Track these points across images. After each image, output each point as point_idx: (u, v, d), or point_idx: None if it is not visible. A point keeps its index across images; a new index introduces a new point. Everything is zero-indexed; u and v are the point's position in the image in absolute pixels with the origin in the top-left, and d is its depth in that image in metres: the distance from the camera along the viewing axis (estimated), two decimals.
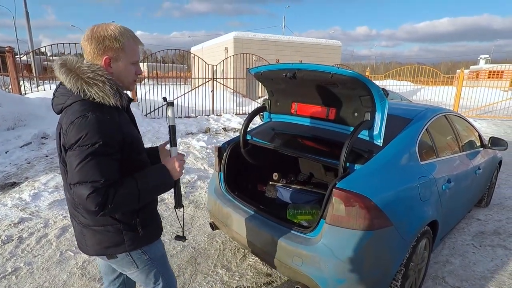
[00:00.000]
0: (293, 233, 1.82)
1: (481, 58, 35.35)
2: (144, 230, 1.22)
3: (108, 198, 0.98)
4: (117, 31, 1.09)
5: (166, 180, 1.16)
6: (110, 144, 1.01)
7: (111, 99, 1.05)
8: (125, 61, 1.13)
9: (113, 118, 1.05)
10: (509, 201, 3.97)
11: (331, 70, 1.78)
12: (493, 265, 2.59)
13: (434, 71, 14.16)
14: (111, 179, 1.00)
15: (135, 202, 1.07)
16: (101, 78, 1.05)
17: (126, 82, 1.17)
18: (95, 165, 0.98)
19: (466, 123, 3.17)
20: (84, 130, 0.98)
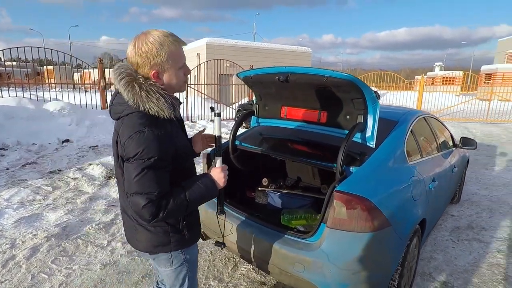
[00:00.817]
0: (293, 239, 1.78)
1: (436, 65, 38.23)
2: (189, 233, 1.29)
3: (161, 208, 1.05)
4: (157, 43, 1.06)
5: (212, 191, 1.20)
6: (164, 158, 1.07)
7: (165, 112, 1.09)
8: (172, 69, 1.13)
9: (166, 131, 1.09)
10: (476, 197, 4.25)
11: (326, 73, 1.78)
12: (472, 258, 2.73)
13: (396, 76, 15.04)
14: (164, 190, 1.07)
15: (183, 211, 1.13)
16: (156, 94, 1.08)
17: (177, 87, 1.19)
18: (150, 178, 1.04)
19: (440, 124, 3.35)
20: (142, 145, 1.03)
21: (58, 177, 4.38)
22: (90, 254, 2.61)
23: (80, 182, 4.23)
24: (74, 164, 5.19)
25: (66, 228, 2.98)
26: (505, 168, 5.73)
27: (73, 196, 3.77)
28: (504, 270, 2.53)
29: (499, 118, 12.62)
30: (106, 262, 2.50)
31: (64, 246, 2.70)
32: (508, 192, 4.44)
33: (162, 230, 1.22)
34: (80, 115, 7.79)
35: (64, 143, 6.63)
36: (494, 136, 9.24)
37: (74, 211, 3.37)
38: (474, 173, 5.32)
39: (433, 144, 2.81)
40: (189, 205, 1.12)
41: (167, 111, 1.09)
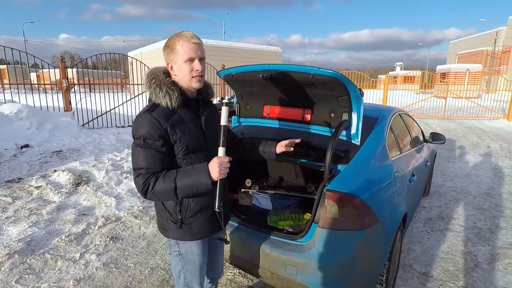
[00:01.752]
0: (283, 241, 1.75)
1: (397, 65, 40.41)
2: (185, 227, 1.32)
3: (150, 185, 1.17)
4: (170, 38, 1.25)
5: (201, 180, 1.18)
6: (151, 138, 1.18)
7: (162, 100, 1.22)
8: (178, 62, 1.24)
9: (159, 116, 1.20)
10: (442, 189, 4.52)
11: (312, 71, 1.77)
12: (446, 247, 2.88)
13: (361, 75, 15.66)
14: (153, 168, 1.18)
15: (172, 194, 1.18)
16: (154, 84, 1.24)
17: (186, 80, 1.27)
18: (140, 155, 1.19)
19: (412, 120, 3.50)
20: (136, 126, 1.22)
21: (19, 186, 4.00)
22: (61, 270, 2.39)
23: (45, 190, 3.89)
24: (37, 171, 4.78)
25: (31, 242, 2.71)
26: (464, 160, 6.16)
27: (37, 207, 3.45)
28: (475, 257, 2.69)
29: (455, 114, 13.59)
30: (79, 277, 2.31)
31: (29, 262, 2.45)
32: (469, 183, 4.77)
33: (164, 215, 1.34)
34: (41, 118, 7.20)
35: (24, 149, 6.09)
36: (452, 131, 9.93)
37: (40, 222, 3.08)
38: (439, 166, 5.65)
39: (408, 140, 2.92)
40: (177, 188, 1.16)
41: (163, 100, 1.22)
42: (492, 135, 9.17)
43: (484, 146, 7.57)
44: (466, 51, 33.45)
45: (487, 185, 4.67)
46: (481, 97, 15.85)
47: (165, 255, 2.64)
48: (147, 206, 3.62)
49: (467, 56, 32.60)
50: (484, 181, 4.84)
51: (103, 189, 4.03)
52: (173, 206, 1.31)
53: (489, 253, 2.76)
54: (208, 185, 1.18)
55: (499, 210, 3.71)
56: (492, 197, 4.14)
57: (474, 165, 5.78)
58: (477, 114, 13.28)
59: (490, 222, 3.39)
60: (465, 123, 11.84)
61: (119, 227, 3.08)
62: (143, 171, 1.17)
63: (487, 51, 30.44)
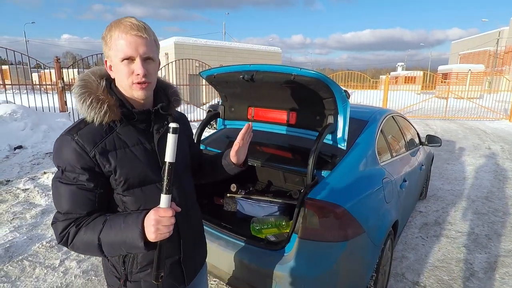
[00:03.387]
0: (263, 251, 1.65)
1: (399, 65, 40.17)
2: (130, 285, 0.97)
3: (69, 236, 0.85)
4: (107, 27, 0.87)
5: (131, 240, 0.81)
6: (72, 171, 0.85)
7: (87, 115, 0.87)
8: (114, 60, 0.88)
9: (84, 138, 0.85)
10: (440, 192, 4.40)
11: (293, 71, 1.67)
12: (441, 254, 2.77)
13: (362, 76, 15.55)
14: (74, 212, 0.86)
15: (96, 251, 0.85)
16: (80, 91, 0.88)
17: (125, 87, 0.90)
18: (59, 193, 0.86)
19: (407, 122, 3.39)
20: (54, 152, 0.88)
21: (6, 189, 3.93)
22: (38, 278, 2.30)
23: (32, 193, 3.81)
24: (27, 173, 4.71)
25: (10, 248, 2.63)
26: (464, 163, 6.03)
27: (21, 210, 3.37)
28: (471, 266, 2.58)
29: (456, 114, 13.44)
30: (57, 285, 2.22)
31: (6, 270, 2.36)
32: (468, 186, 4.64)
33: (106, 265, 1.01)
34: (36, 119, 7.15)
35: (17, 150, 6.03)
36: (452, 132, 9.79)
37: (22, 227, 3.00)
38: (437, 168, 5.53)
39: (401, 143, 2.81)
40: (102, 246, 0.83)
41: (87, 115, 0.86)
42: (494, 136, 9.02)
43: (485, 147, 7.43)
44: (468, 51, 33.22)
45: (486, 188, 4.55)
46: (483, 98, 15.67)
47: None
48: None
49: (469, 56, 32.37)
50: (484, 184, 4.72)
51: None
52: (116, 260, 0.97)
53: (485, 261, 2.64)
54: (141, 248, 0.81)
55: (497, 215, 3.59)
56: (491, 201, 4.02)
57: (474, 168, 5.65)
58: (479, 115, 13.12)
59: (488, 228, 3.27)
60: (466, 124, 11.68)
61: None
62: (60, 216, 0.86)
63: (489, 51, 30.21)
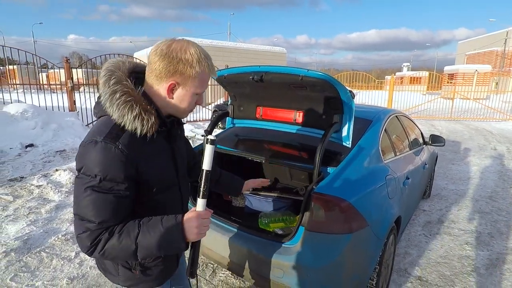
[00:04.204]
0: (271, 243, 1.74)
1: (404, 66, 39.99)
2: (143, 274, 1.04)
3: (99, 244, 0.85)
4: (196, 56, 0.90)
5: (174, 243, 0.89)
6: (114, 180, 0.85)
7: (129, 125, 0.87)
8: (191, 90, 0.94)
9: (128, 148, 0.87)
10: (444, 191, 4.44)
11: (301, 72, 1.76)
12: (443, 251, 2.83)
13: (367, 76, 15.55)
14: (109, 221, 0.86)
15: (130, 256, 0.87)
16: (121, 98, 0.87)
17: (181, 111, 0.99)
18: (92, 202, 0.84)
19: (411, 122, 3.46)
20: (88, 158, 0.85)
21: (20, 185, 4.07)
22: (55, 268, 2.42)
23: (45, 189, 3.95)
24: (39, 170, 4.85)
25: (28, 240, 2.75)
26: (469, 163, 6.06)
27: (36, 206, 3.50)
28: (473, 262, 2.64)
29: (462, 115, 13.39)
30: (73, 275, 2.33)
31: (25, 261, 2.48)
32: (472, 186, 4.68)
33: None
34: (46, 118, 7.32)
35: (28, 148, 6.19)
36: (458, 133, 9.78)
37: (38, 221, 3.13)
38: (442, 169, 5.57)
39: (405, 142, 2.88)
40: (138, 250, 0.86)
41: (131, 125, 0.87)
42: (500, 137, 9.00)
43: (491, 148, 7.43)
44: (475, 52, 32.95)
45: (490, 188, 4.58)
46: (489, 99, 15.57)
47: None
48: None
49: (476, 56, 32.11)
50: (488, 185, 4.75)
51: None
52: None
53: (487, 258, 2.70)
54: (182, 248, 0.90)
55: (501, 214, 3.63)
56: (495, 201, 4.06)
57: (478, 168, 5.68)
58: (485, 116, 13.05)
59: (491, 227, 3.32)
60: (472, 124, 11.65)
61: None
62: (92, 226, 0.84)
63: (497, 51, 29.94)
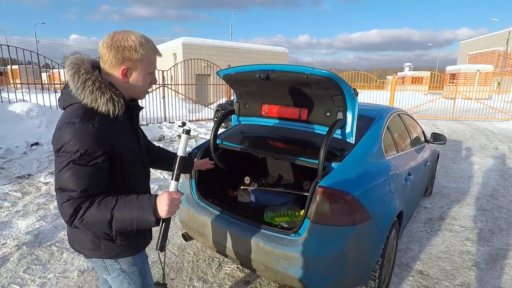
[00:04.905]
0: (277, 235, 1.80)
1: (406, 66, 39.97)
2: (123, 242, 1.16)
3: (79, 212, 0.96)
4: (137, 41, 1.05)
5: (145, 216, 0.99)
6: (94, 154, 0.98)
7: (102, 107, 1.01)
8: (142, 71, 1.10)
9: (103, 127, 1.00)
10: (445, 190, 4.49)
11: (306, 71, 1.82)
12: (445, 247, 2.88)
13: (369, 76, 15.57)
14: (89, 190, 0.97)
15: (105, 226, 0.98)
16: (92, 86, 1.01)
17: (139, 91, 1.14)
18: (74, 173, 0.95)
19: (412, 120, 3.51)
20: (68, 137, 0.96)
21: (28, 182, 4.14)
22: (66, 261, 2.49)
23: (53, 186, 4.02)
24: (45, 168, 4.93)
25: (39, 235, 2.82)
26: (470, 162, 6.10)
27: (45, 202, 3.58)
28: (473, 257, 2.70)
29: (463, 115, 13.40)
30: (83, 268, 2.40)
31: (37, 254, 2.56)
32: (474, 184, 4.73)
33: (91, 233, 1.12)
34: (50, 116, 7.41)
35: (33, 147, 6.28)
36: (460, 132, 9.81)
37: (47, 217, 3.20)
38: (444, 167, 5.61)
39: (407, 140, 2.93)
40: (112, 220, 0.97)
41: (104, 106, 1.01)
42: (501, 136, 9.03)
43: (492, 147, 7.47)
44: (477, 52, 32.90)
45: (491, 186, 4.63)
46: (491, 99, 15.58)
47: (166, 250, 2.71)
48: None
49: (478, 56, 32.06)
50: (489, 183, 4.79)
51: None
52: None
53: (487, 253, 2.75)
54: (152, 222, 1.01)
55: (501, 212, 3.68)
56: (496, 199, 4.11)
57: (480, 167, 5.72)
58: (487, 116, 13.07)
59: (492, 223, 3.37)
60: (474, 124, 11.67)
61: None
62: (75, 193, 0.95)
63: (499, 51, 29.87)
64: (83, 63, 1.06)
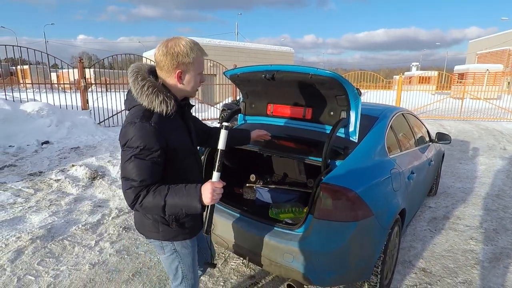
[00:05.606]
0: (282, 231, 1.86)
1: (413, 65, 39.57)
2: (178, 227, 1.33)
3: (139, 198, 1.14)
4: (188, 46, 1.20)
5: (192, 203, 1.15)
6: (150, 149, 1.14)
7: (157, 107, 1.17)
8: (194, 72, 1.25)
9: (158, 125, 1.16)
10: (451, 189, 4.49)
11: (311, 71, 1.87)
12: (448, 245, 2.91)
13: (375, 76, 15.50)
14: (147, 181, 1.14)
15: (160, 210, 1.15)
16: (148, 90, 1.17)
17: (191, 91, 1.29)
18: (135, 166, 1.13)
19: (417, 120, 3.53)
20: (131, 134, 1.14)
21: (40, 179, 4.27)
22: (77, 255, 2.58)
23: (63, 183, 4.14)
24: (56, 165, 5.06)
25: (51, 229, 2.93)
26: (477, 162, 6.07)
27: (56, 198, 3.69)
28: (476, 256, 2.72)
29: (471, 115, 13.26)
30: (94, 261, 2.49)
31: (50, 247, 2.66)
32: (479, 184, 4.72)
33: (152, 217, 1.31)
34: (60, 116, 7.57)
35: (44, 145, 6.43)
36: (467, 132, 9.72)
37: (59, 212, 3.31)
38: (450, 167, 5.60)
39: (411, 139, 2.96)
40: (165, 207, 1.14)
41: (159, 108, 1.17)
42: (510, 137, 8.93)
43: (500, 148, 7.40)
44: (486, 51, 32.41)
45: (498, 187, 4.61)
46: (501, 99, 15.36)
47: None
48: None
49: (487, 56, 31.58)
50: (496, 183, 4.78)
51: (117, 183, 4.24)
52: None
53: (491, 252, 2.77)
54: (198, 209, 1.15)
55: (507, 212, 3.68)
56: (502, 199, 4.10)
57: (486, 167, 5.69)
58: (496, 116, 12.91)
59: (497, 223, 3.37)
60: (482, 124, 11.55)
61: (131, 218, 3.26)
62: (136, 183, 1.13)
63: (509, 50, 29.39)
64: (140, 70, 1.23)
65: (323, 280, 1.75)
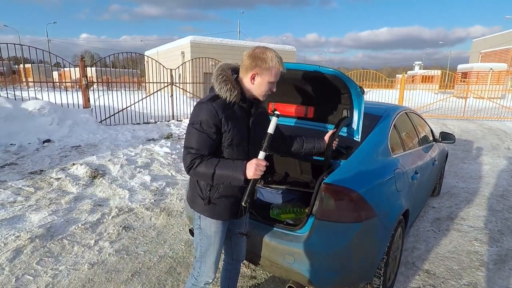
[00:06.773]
0: (283, 232, 1.82)
1: (416, 64, 39.38)
2: (210, 205, 1.48)
3: (194, 164, 1.35)
4: (269, 56, 1.40)
5: (236, 175, 1.33)
6: (206, 124, 1.35)
7: (223, 94, 1.39)
8: (266, 78, 1.42)
9: (218, 107, 1.37)
10: (454, 189, 4.44)
11: (312, 69, 1.83)
12: (452, 246, 2.86)
13: (377, 75, 15.41)
14: (201, 150, 1.36)
15: (209, 178, 1.36)
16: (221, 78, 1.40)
17: (259, 94, 1.48)
18: (193, 136, 1.37)
19: (421, 119, 3.48)
20: (196, 111, 1.39)
21: (40, 178, 4.25)
22: (77, 254, 2.56)
23: (64, 182, 4.12)
24: (57, 164, 5.04)
25: (51, 228, 2.90)
26: (481, 162, 6.00)
27: (56, 197, 3.67)
28: (481, 257, 2.67)
29: (475, 115, 13.15)
30: (94, 261, 2.47)
31: (49, 247, 2.63)
32: (484, 184, 4.66)
33: (196, 189, 1.52)
34: (61, 114, 7.56)
35: (45, 143, 6.42)
36: (471, 132, 9.64)
37: (59, 211, 3.29)
38: (453, 167, 5.54)
39: (414, 138, 2.92)
40: (214, 175, 1.34)
41: (224, 94, 1.38)
42: None
43: (504, 147, 7.33)
44: (490, 50, 32.15)
45: (502, 187, 4.55)
46: (505, 98, 15.23)
47: (173, 245, 2.76)
48: (158, 199, 3.78)
49: (491, 54, 31.32)
50: (500, 183, 4.72)
51: (118, 182, 4.22)
52: (205, 185, 1.48)
53: (496, 254, 2.72)
54: (241, 181, 1.33)
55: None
56: (507, 199, 4.04)
57: (490, 167, 5.63)
58: (500, 115, 12.79)
59: (501, 224, 3.32)
60: (486, 124, 11.45)
61: (131, 218, 3.24)
62: (193, 150, 1.35)
63: None
64: (226, 66, 1.46)
65: (325, 282, 1.71)
